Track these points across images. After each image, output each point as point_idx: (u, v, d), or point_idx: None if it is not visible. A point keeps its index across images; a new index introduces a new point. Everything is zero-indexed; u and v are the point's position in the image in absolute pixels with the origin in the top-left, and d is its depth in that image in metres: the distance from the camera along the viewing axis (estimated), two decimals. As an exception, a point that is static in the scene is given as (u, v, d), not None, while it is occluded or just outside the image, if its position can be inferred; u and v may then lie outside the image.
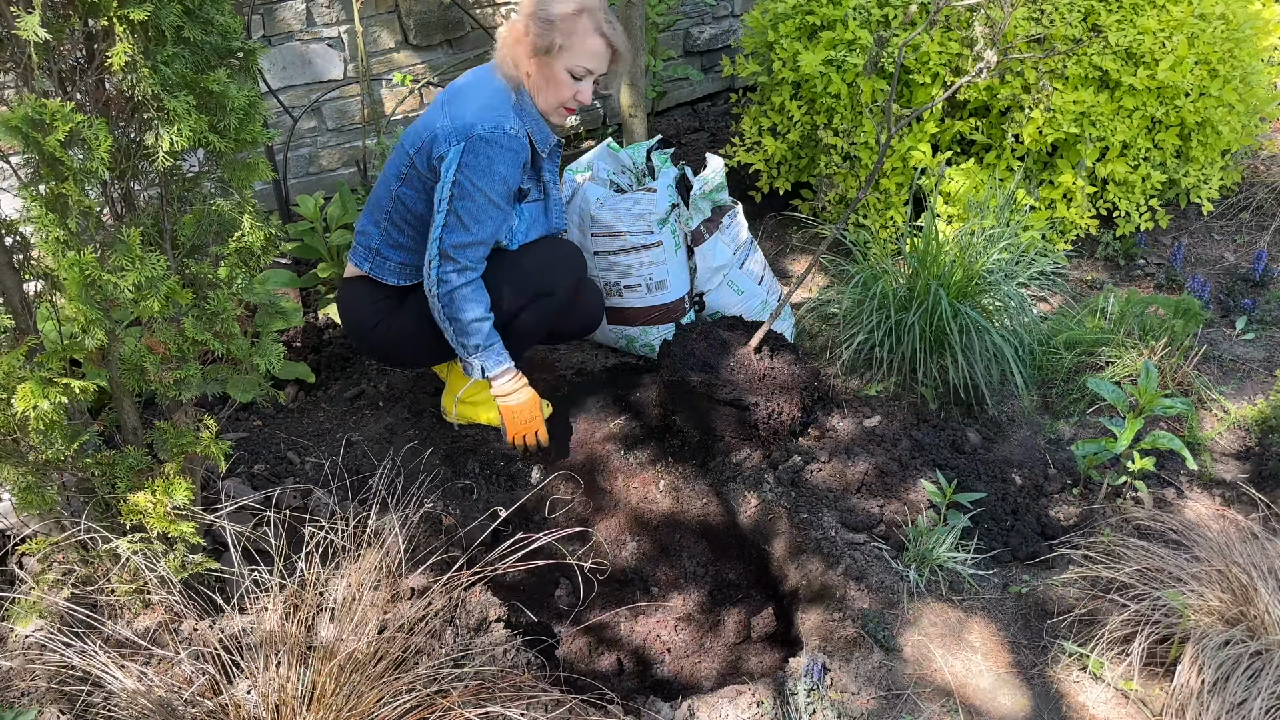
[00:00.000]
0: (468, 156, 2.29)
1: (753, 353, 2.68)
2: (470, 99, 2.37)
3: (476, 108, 2.34)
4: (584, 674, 2.19)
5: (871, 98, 3.43)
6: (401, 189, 2.45)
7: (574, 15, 2.30)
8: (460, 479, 2.64)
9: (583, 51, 2.33)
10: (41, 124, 1.54)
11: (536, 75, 2.37)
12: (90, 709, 1.78)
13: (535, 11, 2.31)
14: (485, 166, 2.31)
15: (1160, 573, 2.09)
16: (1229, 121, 3.45)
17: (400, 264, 2.53)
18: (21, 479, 1.82)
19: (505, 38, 2.39)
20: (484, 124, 2.31)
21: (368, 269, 2.54)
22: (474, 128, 2.30)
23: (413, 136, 2.43)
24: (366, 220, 2.56)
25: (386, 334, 2.59)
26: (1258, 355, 3.08)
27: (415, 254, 2.51)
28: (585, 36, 2.32)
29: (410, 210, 2.46)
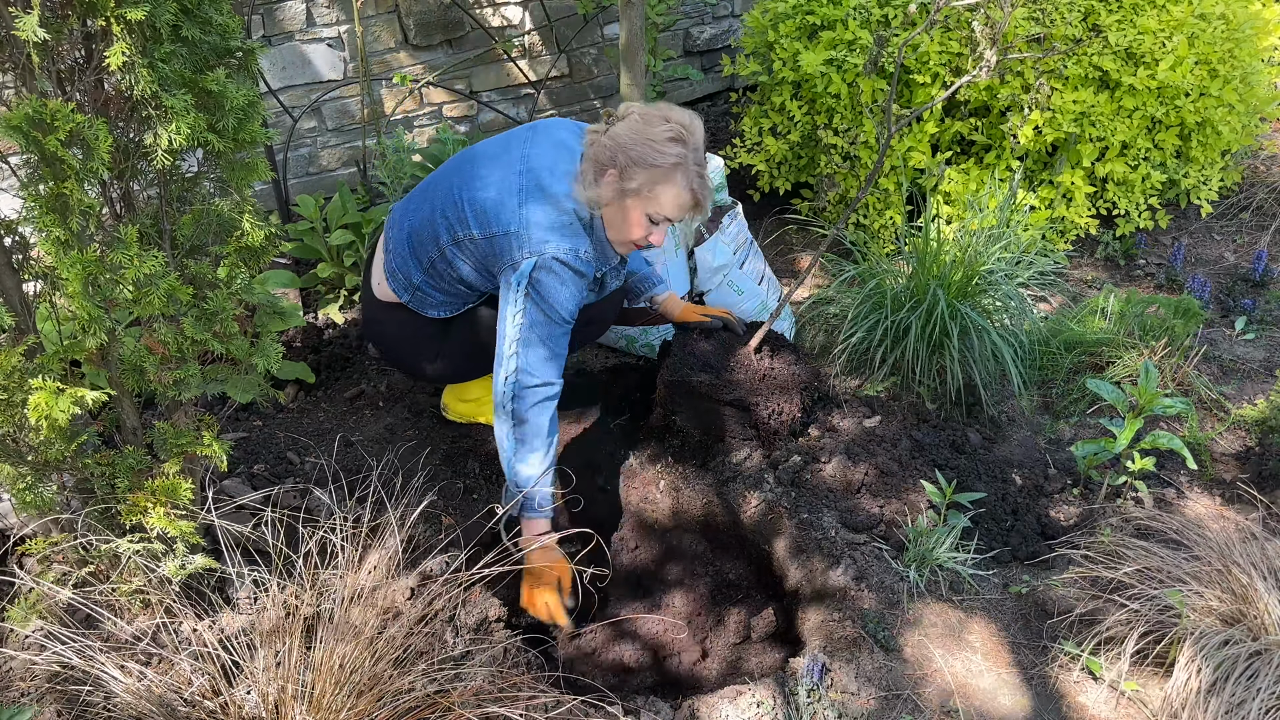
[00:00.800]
0: (540, 273, 2.19)
1: (753, 353, 2.68)
2: (549, 208, 2.22)
3: (553, 223, 2.22)
4: (584, 674, 2.19)
5: (871, 98, 3.43)
6: (454, 249, 2.32)
7: (671, 168, 2.21)
8: (460, 479, 2.64)
9: (667, 202, 2.25)
10: (42, 124, 1.53)
11: (613, 210, 2.27)
12: (90, 709, 1.78)
13: (632, 152, 2.20)
14: (558, 284, 2.21)
15: (1160, 573, 2.09)
16: (1229, 121, 3.45)
17: (441, 302, 2.45)
18: (21, 479, 1.82)
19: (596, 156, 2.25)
20: (559, 244, 2.20)
21: (407, 300, 2.45)
22: (548, 245, 2.19)
23: (478, 212, 2.26)
24: (407, 254, 2.41)
25: (440, 365, 2.54)
26: (1258, 355, 3.08)
27: (458, 298, 2.44)
28: (674, 189, 2.23)
29: (455, 269, 2.35)
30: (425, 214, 2.38)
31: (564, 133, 2.36)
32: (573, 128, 2.39)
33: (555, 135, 2.34)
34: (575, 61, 4.34)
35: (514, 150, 2.33)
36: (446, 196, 2.34)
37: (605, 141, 2.25)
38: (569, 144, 2.32)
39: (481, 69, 4.09)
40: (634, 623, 2.45)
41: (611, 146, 2.23)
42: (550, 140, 2.33)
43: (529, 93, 4.26)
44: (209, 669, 1.73)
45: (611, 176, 2.23)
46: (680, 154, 2.22)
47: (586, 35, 4.30)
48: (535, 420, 2.23)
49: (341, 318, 3.22)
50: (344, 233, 3.16)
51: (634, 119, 2.26)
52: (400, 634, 1.84)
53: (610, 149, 2.23)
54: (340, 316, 3.21)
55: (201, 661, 1.75)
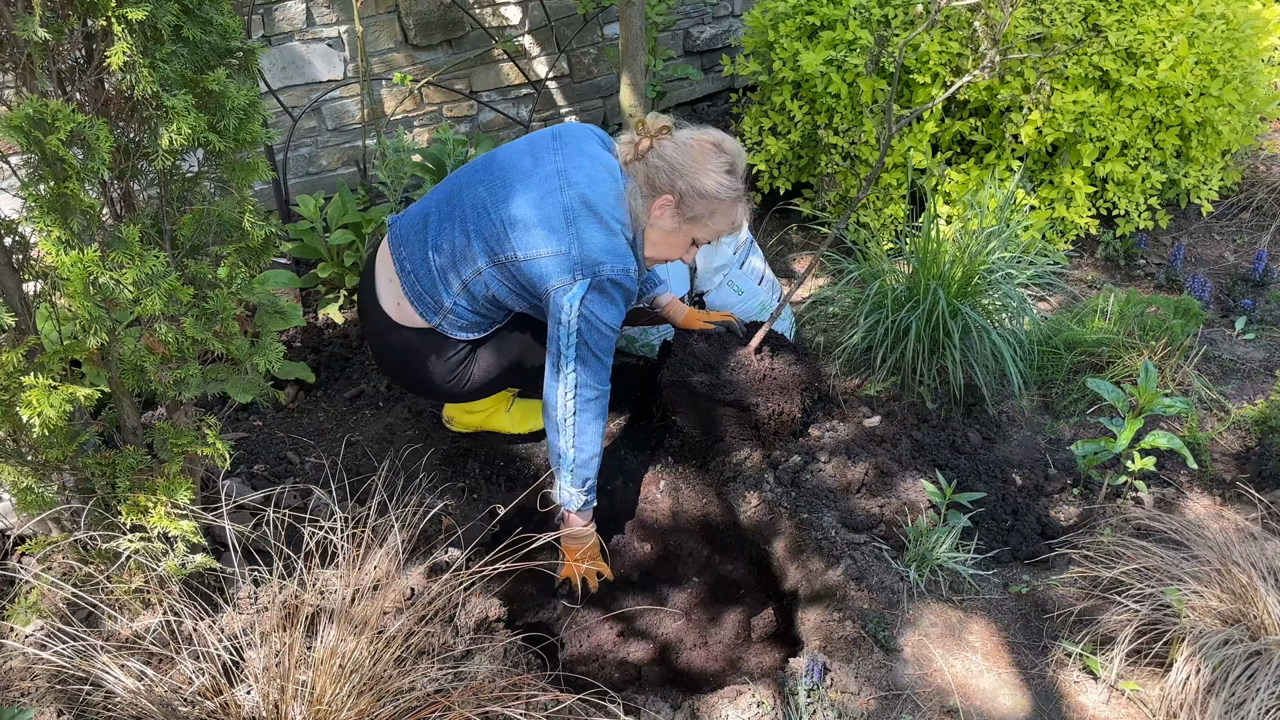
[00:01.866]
0: (593, 294, 2.18)
1: (753, 353, 2.68)
2: (600, 229, 2.20)
3: (606, 245, 2.20)
4: (584, 674, 2.19)
5: (872, 97, 3.43)
6: (493, 270, 2.27)
7: (731, 201, 2.26)
8: (460, 479, 2.64)
9: (715, 231, 2.32)
10: (43, 123, 1.53)
11: (663, 233, 2.30)
12: (90, 709, 1.78)
13: (693, 182, 2.22)
14: (609, 304, 2.22)
15: (1160, 572, 2.09)
16: (1229, 121, 3.45)
17: (470, 324, 2.41)
18: (21, 479, 1.82)
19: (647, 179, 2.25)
20: (613, 265, 2.18)
21: (436, 323, 2.39)
22: (602, 266, 2.17)
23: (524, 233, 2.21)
24: (436, 282, 2.34)
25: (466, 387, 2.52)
26: (1258, 355, 3.08)
27: (488, 319, 2.42)
28: (725, 219, 2.29)
29: (490, 291, 2.31)
30: (456, 236, 2.30)
31: (593, 146, 2.32)
32: (598, 138, 2.36)
33: (586, 148, 2.30)
34: (575, 61, 4.34)
35: (546, 164, 2.27)
36: (480, 216, 2.27)
37: (658, 164, 2.23)
38: (603, 159, 2.29)
39: (481, 69, 4.09)
40: (634, 623, 2.45)
41: (667, 170, 2.22)
42: (583, 154, 2.28)
43: (529, 93, 4.26)
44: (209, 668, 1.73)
45: (667, 201, 2.24)
46: (737, 187, 2.26)
47: (586, 35, 4.30)
48: (594, 427, 2.33)
49: (341, 318, 3.22)
50: (344, 233, 3.16)
51: (687, 144, 2.24)
52: (401, 633, 1.84)
53: (666, 173, 2.22)
54: (340, 316, 3.21)
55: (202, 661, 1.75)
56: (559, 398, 2.28)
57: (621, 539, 2.65)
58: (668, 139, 2.25)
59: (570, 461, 2.33)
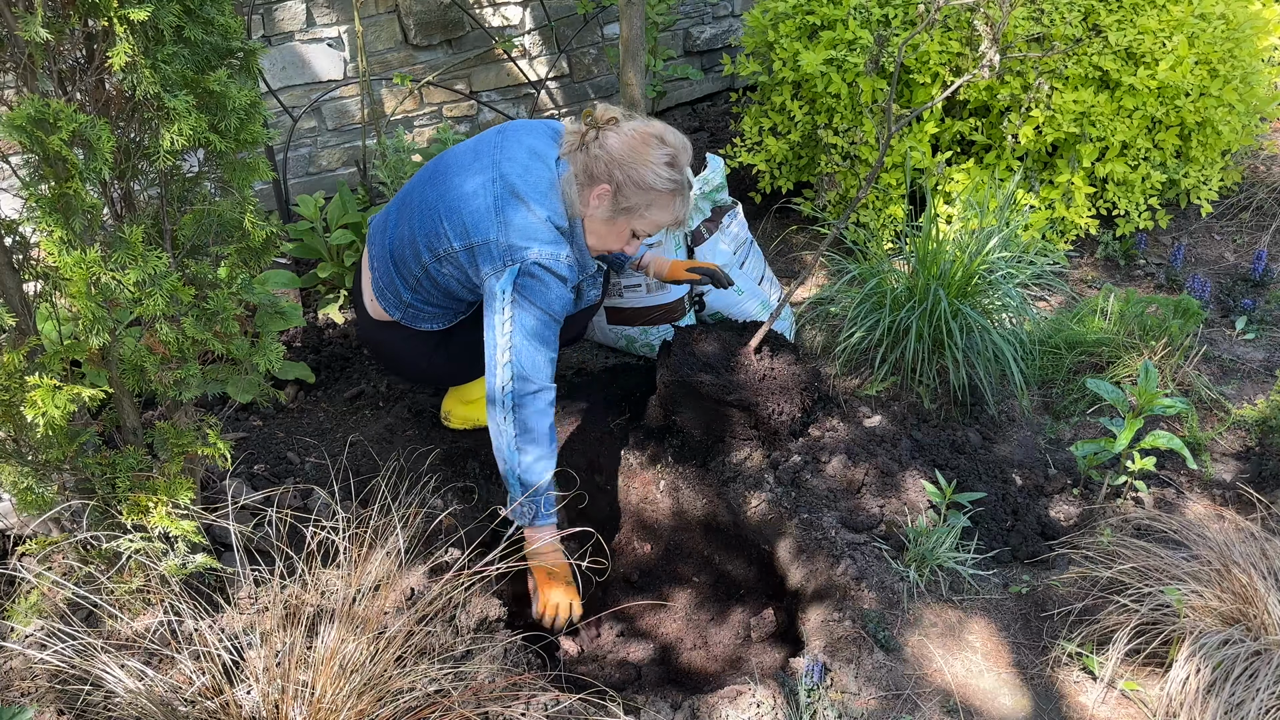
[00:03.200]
0: (524, 279, 2.18)
1: (753, 353, 2.68)
2: (528, 215, 2.21)
3: (533, 230, 2.19)
4: (584, 674, 2.19)
5: (871, 97, 3.43)
6: (435, 265, 2.32)
7: (668, 194, 2.25)
8: (460, 479, 2.64)
9: (654, 222, 2.31)
10: (45, 124, 1.54)
11: (601, 223, 2.29)
12: (90, 708, 1.78)
13: (630, 173, 2.21)
14: (542, 289, 2.20)
15: (1160, 573, 2.09)
16: (1229, 121, 3.45)
17: (433, 315, 2.47)
18: (22, 479, 1.82)
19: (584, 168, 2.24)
20: (541, 251, 2.18)
21: (399, 317, 2.45)
22: (528, 251, 2.17)
23: (456, 224, 2.25)
24: (392, 271, 2.41)
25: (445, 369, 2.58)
26: (1258, 355, 3.08)
27: (448, 311, 2.46)
28: (664, 212, 2.28)
29: (441, 286, 2.36)
30: (405, 233, 2.37)
31: (534, 138, 2.32)
32: (544, 130, 2.36)
33: (526, 141, 2.31)
34: (575, 61, 4.34)
35: (484, 157, 2.30)
36: (422, 212, 2.33)
37: (598, 153, 2.23)
38: (541, 150, 2.30)
39: (481, 69, 4.09)
40: (634, 623, 2.45)
41: (606, 161, 2.22)
42: (522, 147, 2.30)
43: (529, 93, 4.26)
44: (210, 668, 1.73)
45: (604, 191, 2.23)
46: (676, 179, 2.24)
47: (586, 35, 4.30)
48: (538, 426, 2.22)
49: (341, 318, 3.22)
50: (344, 233, 3.16)
51: (629, 135, 2.24)
52: (401, 633, 1.84)
53: (605, 163, 2.22)
54: (340, 316, 3.21)
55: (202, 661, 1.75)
56: (496, 391, 2.21)
57: (621, 539, 2.65)
58: (612, 130, 2.25)
59: (515, 467, 2.21)
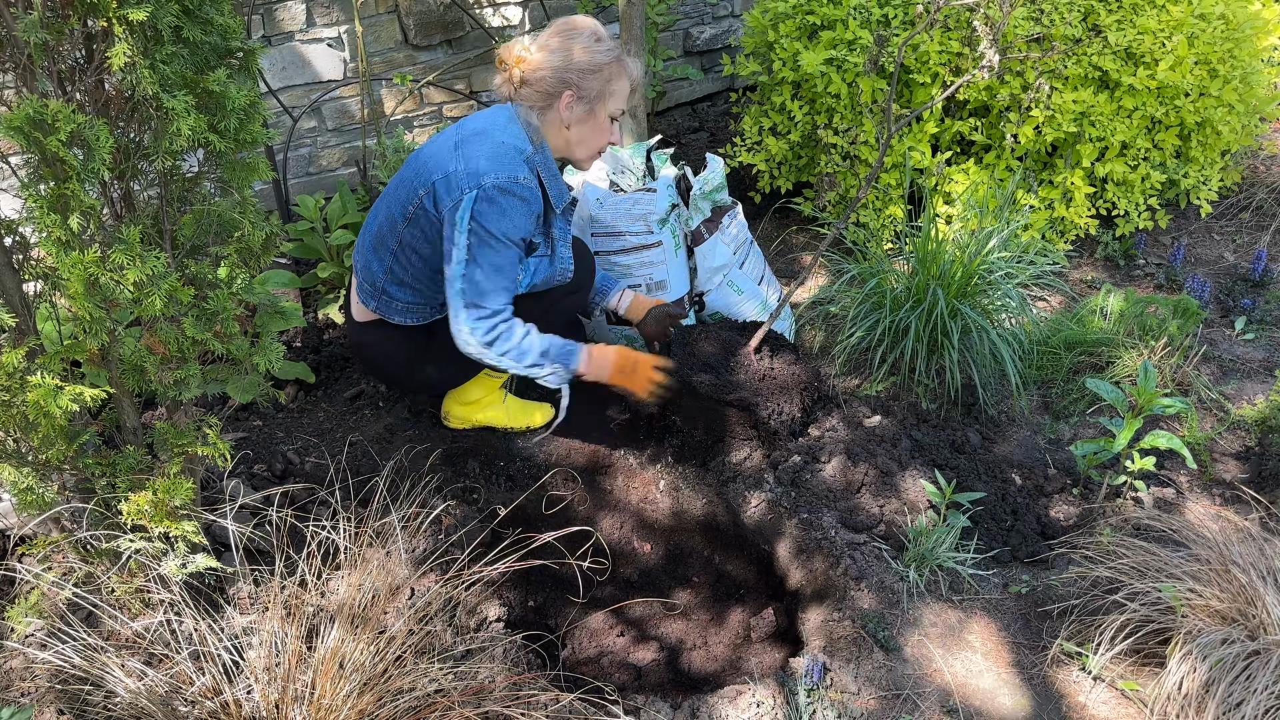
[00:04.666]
0: (481, 205, 2.21)
1: (753, 353, 2.68)
2: (485, 144, 2.28)
3: (490, 154, 2.25)
4: (585, 674, 2.20)
5: (871, 97, 3.43)
6: (408, 230, 2.35)
7: (616, 63, 2.31)
8: (460, 479, 2.64)
9: (621, 95, 2.36)
10: (44, 124, 1.54)
11: (579, 127, 2.34)
12: (90, 708, 1.78)
13: (578, 65, 2.26)
14: (499, 214, 2.23)
15: (1160, 573, 2.09)
16: (1229, 121, 3.45)
17: (408, 304, 2.46)
18: (22, 479, 1.82)
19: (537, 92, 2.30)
20: (497, 172, 2.22)
21: (374, 307, 2.48)
22: (485, 175, 2.22)
23: (422, 175, 2.32)
24: (370, 255, 2.46)
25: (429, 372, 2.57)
26: (1257, 355, 3.08)
27: (422, 295, 2.45)
28: (622, 80, 2.34)
29: (417, 253, 2.37)
30: (382, 213, 2.44)
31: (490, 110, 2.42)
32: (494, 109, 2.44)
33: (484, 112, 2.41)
34: (575, 61, 4.34)
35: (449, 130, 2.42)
36: (396, 187, 2.42)
37: (539, 75, 2.29)
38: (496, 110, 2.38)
39: (481, 69, 4.09)
40: (634, 623, 2.46)
41: (550, 73, 2.28)
42: (482, 112, 2.41)
43: (529, 93, 4.26)
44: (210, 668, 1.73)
45: (568, 98, 2.29)
46: (612, 48, 2.32)
47: (586, 35, 4.30)
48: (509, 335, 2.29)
49: (341, 317, 3.22)
50: (344, 233, 3.16)
51: (547, 45, 2.30)
52: (401, 633, 1.84)
53: (551, 74, 2.28)
54: (340, 316, 3.21)
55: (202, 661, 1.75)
56: (461, 327, 2.27)
57: (621, 539, 2.66)
58: (531, 54, 2.30)
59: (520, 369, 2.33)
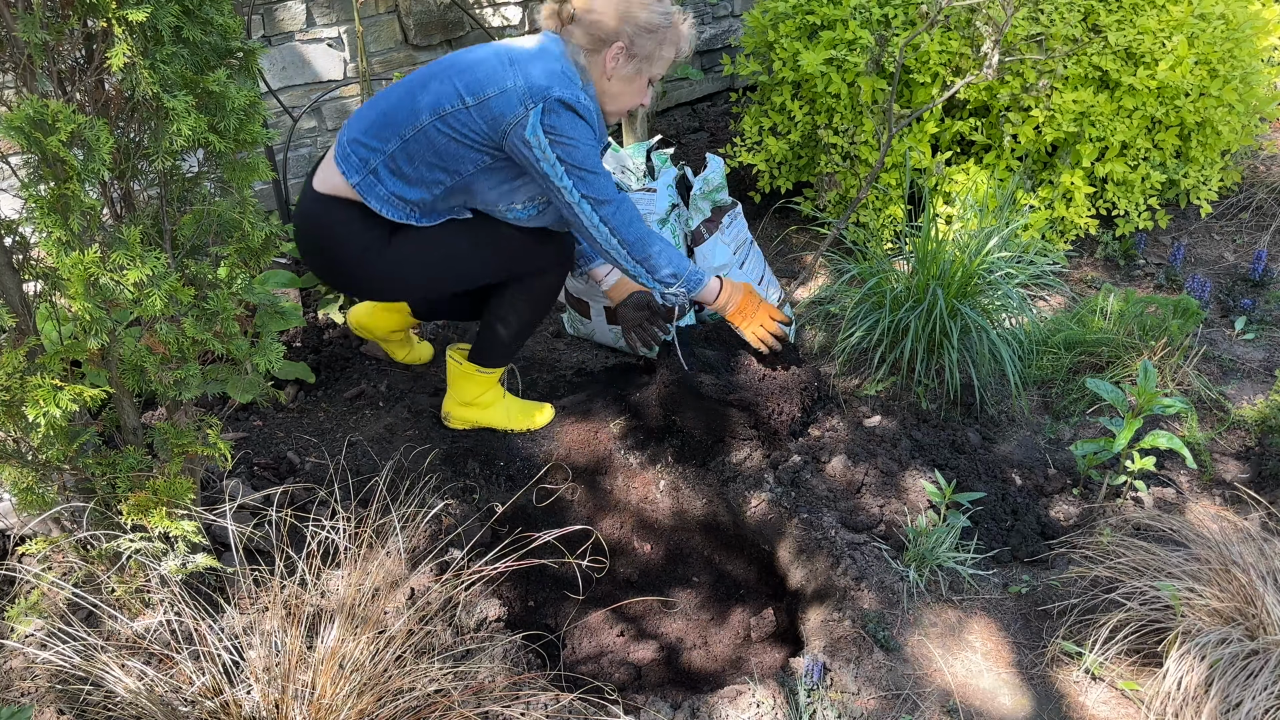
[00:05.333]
0: (550, 117, 2.19)
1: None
2: (542, 62, 2.24)
3: (550, 72, 2.22)
4: (585, 674, 2.20)
5: (872, 97, 3.43)
6: (436, 123, 2.26)
7: (670, 28, 2.30)
8: (460, 479, 2.64)
9: (665, 61, 2.35)
10: (44, 124, 1.54)
11: (619, 81, 2.33)
12: (91, 708, 1.78)
13: (636, 19, 2.25)
14: (570, 123, 2.22)
15: (1160, 573, 2.09)
16: (1229, 121, 3.45)
17: (391, 194, 2.33)
18: (22, 479, 1.82)
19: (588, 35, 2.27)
20: (561, 89, 2.20)
21: (356, 182, 2.31)
22: (551, 90, 2.19)
23: (469, 83, 2.24)
24: (368, 133, 2.32)
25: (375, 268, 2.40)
26: (1257, 355, 3.08)
27: (412, 189, 2.33)
28: (671, 46, 2.33)
29: (434, 147, 2.28)
30: (397, 100, 2.32)
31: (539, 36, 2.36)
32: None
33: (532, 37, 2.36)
34: (575, 61, 4.34)
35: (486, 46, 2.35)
36: (424, 81, 2.30)
37: (596, 18, 2.26)
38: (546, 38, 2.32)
39: (481, 69, 4.09)
40: (635, 623, 2.46)
41: (606, 20, 2.25)
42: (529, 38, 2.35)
43: (529, 92, 4.26)
44: (210, 668, 1.73)
45: (619, 49, 2.27)
46: (668, 11, 2.30)
47: (586, 35, 4.30)
48: (639, 232, 2.33)
49: (341, 318, 3.22)
50: (344, 233, 3.16)
51: None
52: (401, 633, 1.84)
53: (607, 23, 2.25)
54: (340, 316, 3.21)
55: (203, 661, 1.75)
56: (588, 227, 2.30)
57: (621, 539, 2.66)
58: None
59: (644, 272, 2.37)
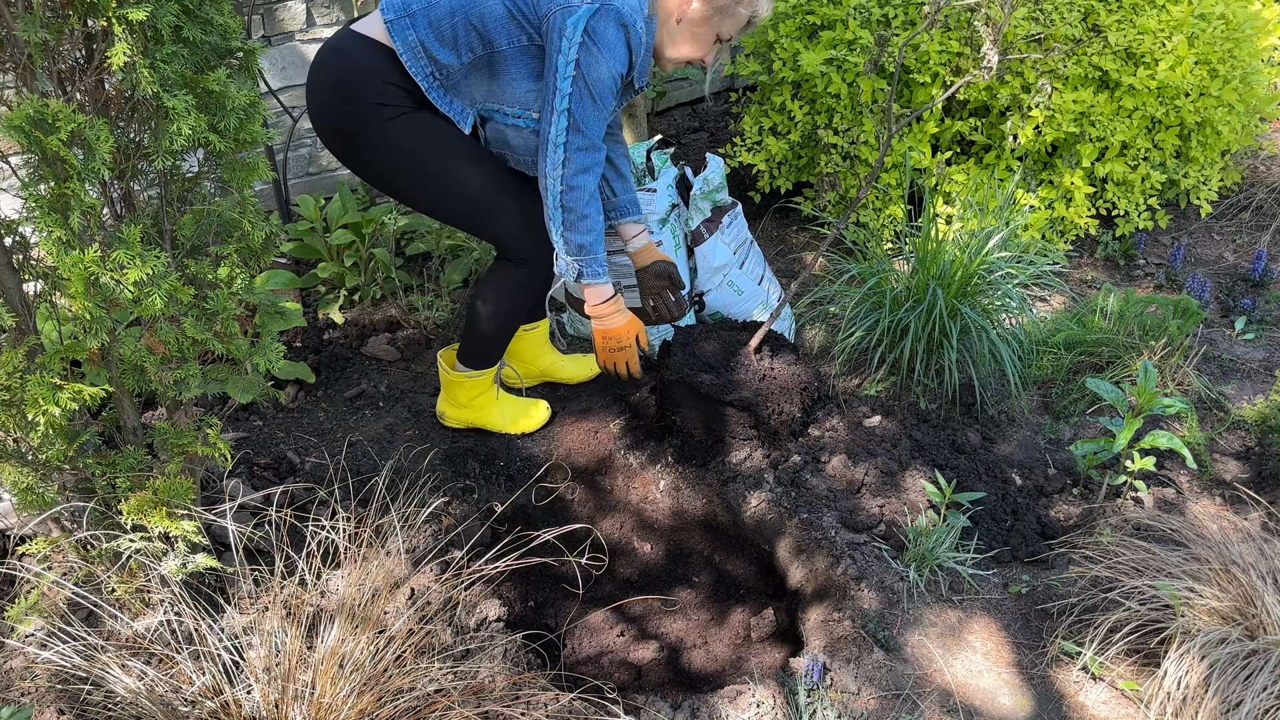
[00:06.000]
0: (599, 21, 2.08)
1: (753, 353, 2.68)
2: None
3: None
4: (585, 673, 2.20)
5: (872, 97, 3.43)
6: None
7: None
8: (460, 479, 2.64)
9: (740, 21, 2.25)
10: (44, 124, 1.54)
11: (689, 27, 2.23)
12: (91, 708, 1.78)
13: None
14: (613, 41, 2.11)
15: (1160, 573, 2.09)
16: (1229, 121, 3.45)
17: (419, 42, 2.20)
18: (22, 479, 1.82)
19: None
20: (623, 3, 2.10)
21: (390, 19, 2.20)
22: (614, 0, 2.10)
23: None
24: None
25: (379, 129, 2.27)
26: (1257, 355, 3.08)
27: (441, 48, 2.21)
28: (748, 6, 2.24)
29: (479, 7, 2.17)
30: None
31: None
32: None
33: None
34: (575, 61, 4.34)
35: None
36: None
37: None
38: None
39: (481, 69, 4.09)
40: (635, 623, 2.46)
41: None
42: None
43: (529, 92, 4.26)
44: (210, 668, 1.73)
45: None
46: None
47: (586, 35, 4.30)
48: (585, 185, 2.21)
49: (341, 318, 3.22)
50: (344, 233, 3.16)
51: None
52: (401, 633, 1.84)
53: None
54: (340, 316, 3.21)
55: (202, 660, 1.75)
56: (550, 137, 2.16)
57: (621, 539, 2.66)
58: None
59: (558, 223, 2.24)
